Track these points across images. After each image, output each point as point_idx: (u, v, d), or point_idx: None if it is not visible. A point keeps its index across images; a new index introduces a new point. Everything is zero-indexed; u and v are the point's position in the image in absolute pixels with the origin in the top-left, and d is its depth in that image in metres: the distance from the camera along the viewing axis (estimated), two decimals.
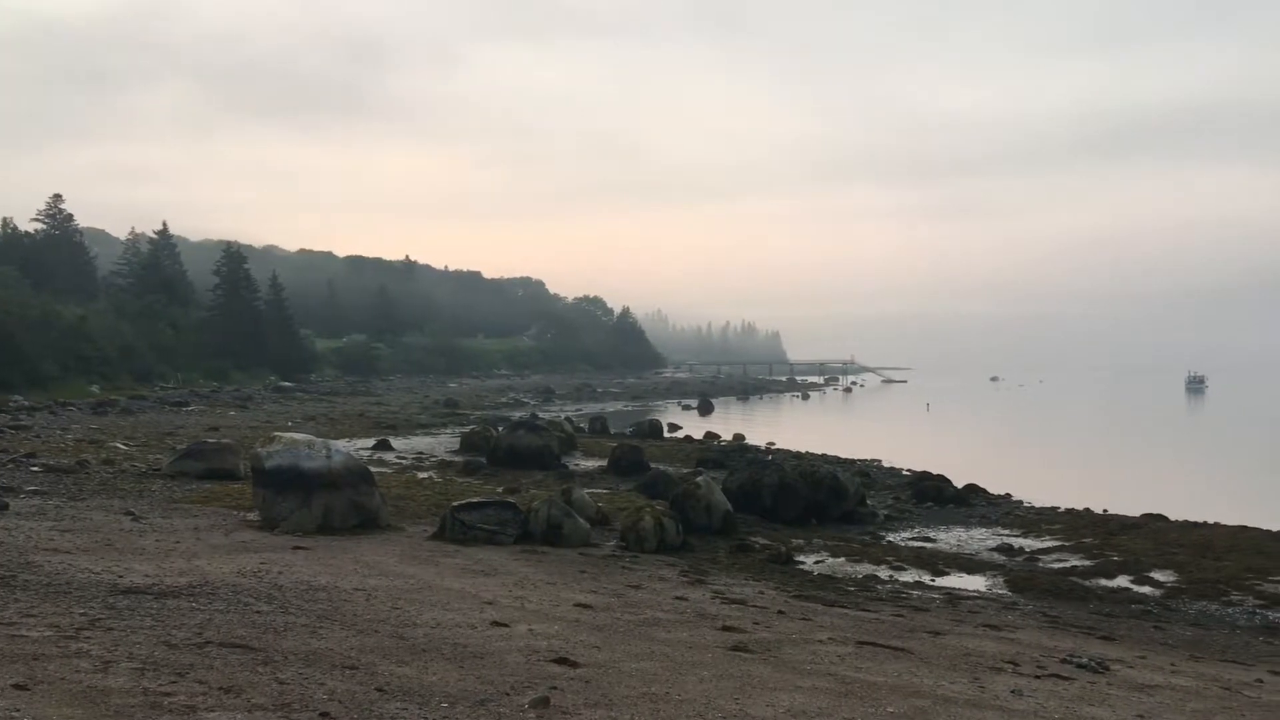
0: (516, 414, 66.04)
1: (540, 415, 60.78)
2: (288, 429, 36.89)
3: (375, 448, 40.53)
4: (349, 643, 8.55)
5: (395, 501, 22.45)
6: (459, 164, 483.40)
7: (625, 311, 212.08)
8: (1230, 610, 17.74)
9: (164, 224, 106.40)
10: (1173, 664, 11.47)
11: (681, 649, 9.41)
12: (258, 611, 9.66)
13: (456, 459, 37.13)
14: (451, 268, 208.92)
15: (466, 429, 47.37)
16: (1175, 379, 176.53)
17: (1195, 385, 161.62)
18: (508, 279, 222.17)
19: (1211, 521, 27.12)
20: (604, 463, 36.81)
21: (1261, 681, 10.78)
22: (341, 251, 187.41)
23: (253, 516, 18.03)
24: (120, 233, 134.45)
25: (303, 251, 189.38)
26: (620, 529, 20.23)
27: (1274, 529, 26.24)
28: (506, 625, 9.87)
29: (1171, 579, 20.02)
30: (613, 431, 56.62)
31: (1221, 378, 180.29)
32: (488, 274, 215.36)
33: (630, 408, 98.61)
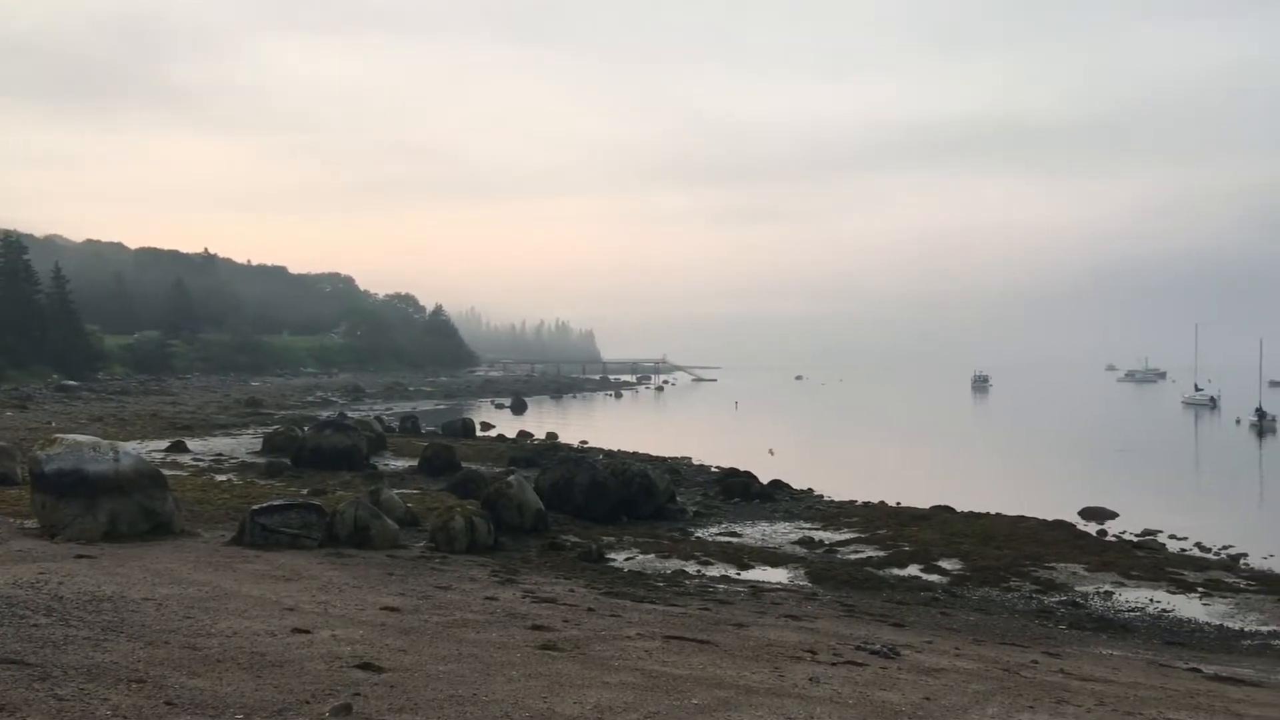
0: (324, 413, 64.03)
1: (349, 414, 59.10)
2: (71, 430, 34.65)
3: (169, 450, 38.62)
4: (136, 655, 8.11)
5: (191, 506, 21.45)
6: (253, 156, 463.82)
7: (438, 309, 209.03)
8: (1009, 596, 18.98)
9: None
10: (957, 648, 12.16)
11: (490, 649, 9.36)
12: (35, 625, 9.04)
13: (258, 460, 35.80)
14: (255, 262, 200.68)
15: (270, 429, 45.75)
16: (965, 378, 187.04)
17: (980, 384, 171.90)
18: (315, 274, 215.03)
19: (993, 512, 28.91)
20: (415, 462, 36.24)
21: (1037, 662, 11.56)
22: (133, 243, 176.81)
23: (31, 524, 16.89)
24: None
25: (90, 242, 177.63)
26: (430, 530, 19.95)
27: (1049, 518, 28.21)
28: (308, 631, 9.58)
29: (957, 567, 21.25)
30: (424, 430, 55.82)
31: (1004, 376, 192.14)
32: (294, 269, 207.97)
33: (442, 406, 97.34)
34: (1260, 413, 76.36)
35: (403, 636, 9.71)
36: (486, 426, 64.49)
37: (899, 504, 31.14)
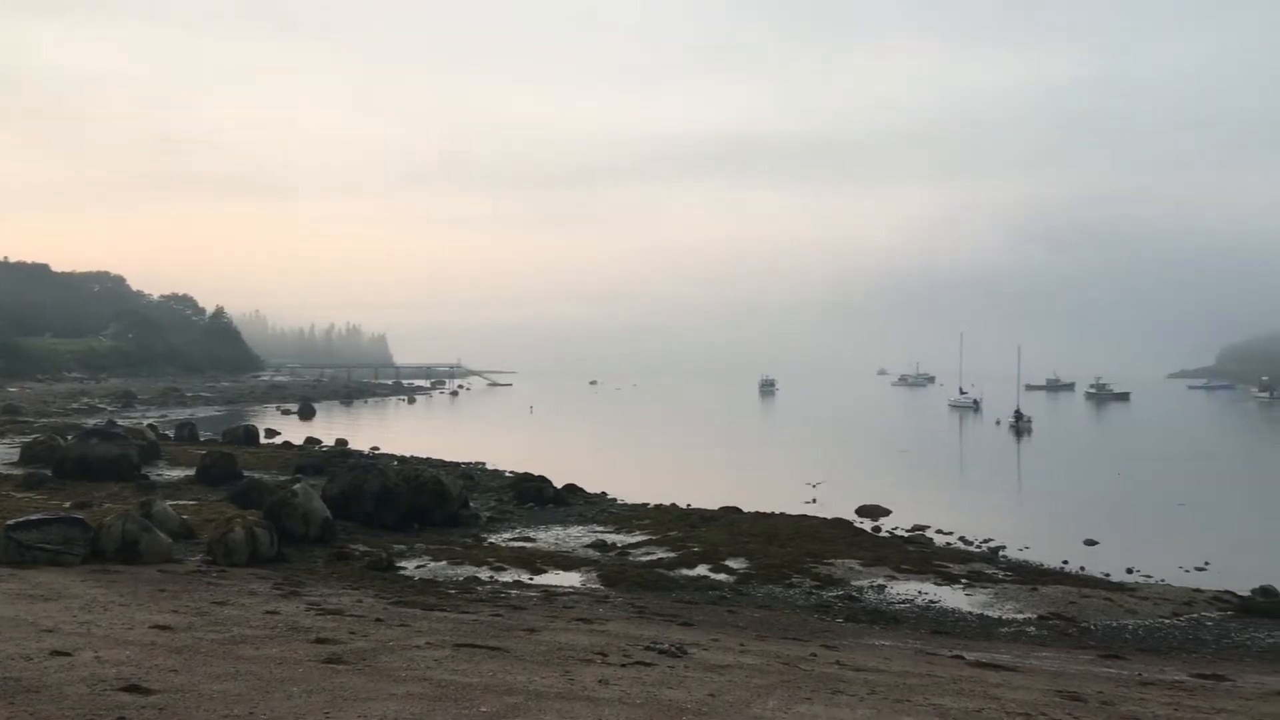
0: (90, 421, 60.24)
1: (119, 422, 56.07)
2: None
3: None
4: None
5: None
6: (4, 147, 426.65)
7: (219, 311, 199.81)
8: (791, 592, 19.74)
9: None
10: (742, 644, 12.55)
11: (270, 665, 9.00)
12: None
13: (15, 472, 33.24)
14: (13, 259, 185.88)
15: (28, 438, 42.47)
16: (752, 383, 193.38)
17: (767, 388, 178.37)
18: (82, 273, 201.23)
19: (778, 512, 30.02)
20: (192, 472, 34.55)
21: (815, 655, 12.06)
22: None
23: None
24: None
25: None
26: (208, 542, 19.03)
27: (829, 517, 29.54)
28: (69, 654, 8.95)
29: (744, 566, 21.93)
30: (203, 438, 53.33)
31: (788, 382, 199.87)
32: (57, 267, 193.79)
33: (223, 413, 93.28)
34: (1018, 414, 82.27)
35: (174, 656, 9.21)
36: (272, 433, 62.31)
37: (689, 506, 31.88)
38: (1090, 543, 27.54)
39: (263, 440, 54.52)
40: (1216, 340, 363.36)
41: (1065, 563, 24.73)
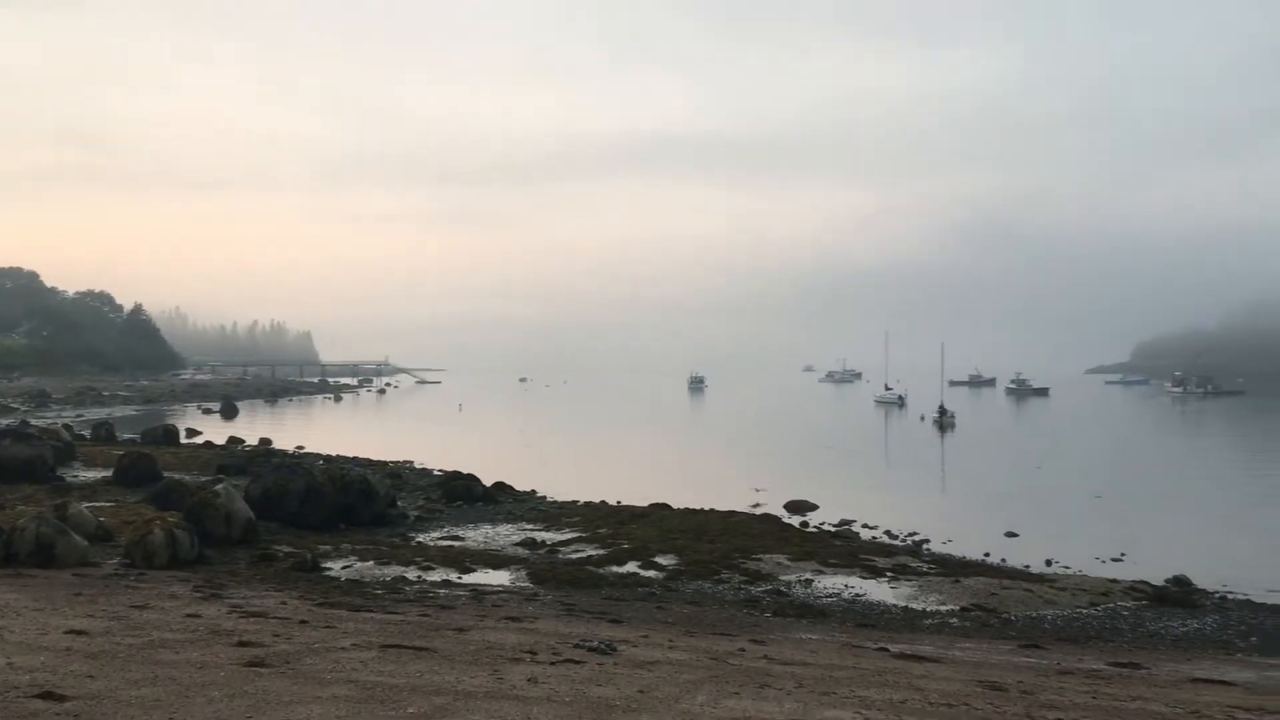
0: (3, 421, 58.46)
1: (32, 422, 54.57)
2: None
3: None
4: None
5: None
6: None
7: (137, 308, 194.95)
8: (720, 587, 19.86)
9: None
10: (671, 640, 12.59)
11: (191, 670, 8.81)
12: None
13: None
14: None
15: None
16: (682, 379, 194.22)
17: (697, 385, 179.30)
18: None
19: (707, 508, 30.17)
20: (109, 473, 33.73)
21: (744, 650, 12.15)
22: None
23: None
24: None
25: None
26: (126, 545, 18.59)
27: (758, 513, 29.77)
28: None
29: (673, 562, 22.01)
30: (121, 438, 52.13)
31: (717, 378, 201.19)
32: None
33: (142, 412, 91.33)
34: (942, 410, 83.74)
35: (90, 661, 8.98)
36: (193, 433, 61.25)
37: (619, 503, 31.92)
38: (1011, 535, 28.14)
39: (183, 440, 53.55)
40: (1132, 336, 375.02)
41: (987, 555, 25.23)
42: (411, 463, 44.92)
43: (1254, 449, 64.01)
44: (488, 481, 34.22)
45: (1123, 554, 25.38)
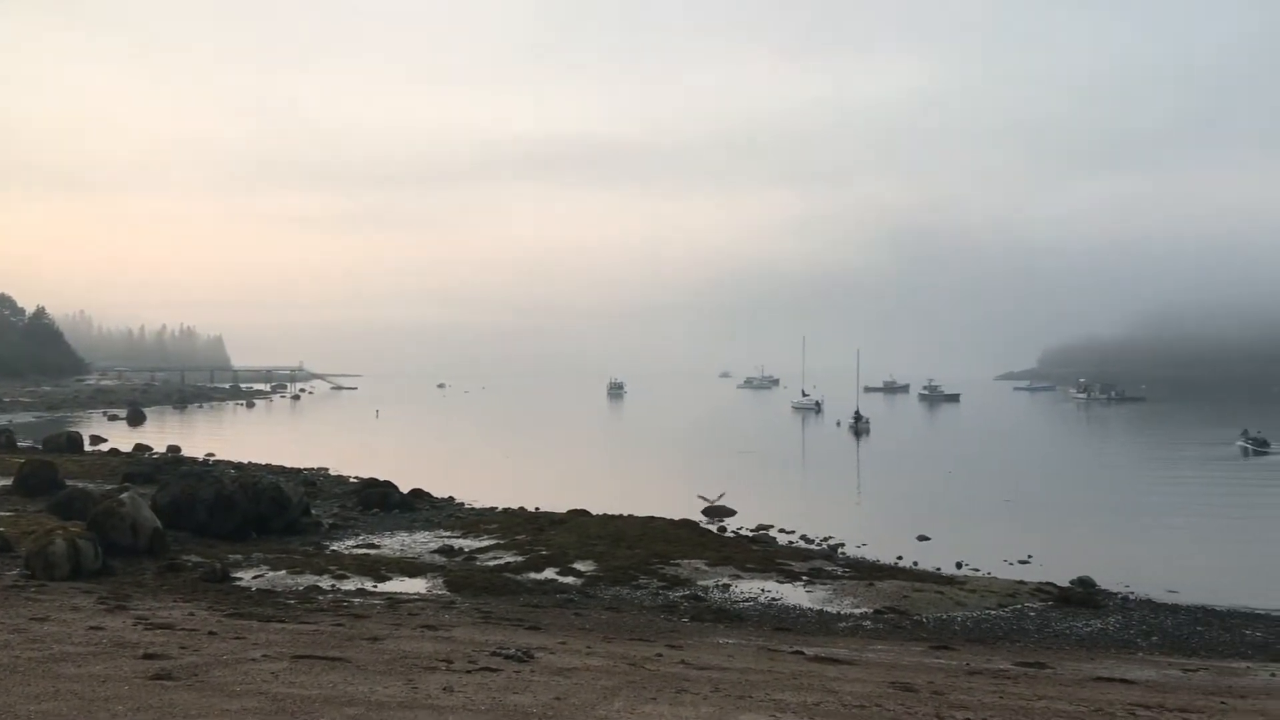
0: None
1: None
2: None
3: None
4: None
5: None
6: None
7: (40, 311, 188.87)
8: (639, 593, 19.90)
9: None
10: (589, 646, 12.58)
11: (94, 684, 8.56)
12: None
13: None
14: None
15: None
16: (602, 385, 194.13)
17: (616, 390, 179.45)
18: None
19: (626, 514, 30.21)
20: (9, 481, 32.59)
21: (661, 655, 12.19)
22: None
23: None
24: None
25: None
26: (25, 555, 17.97)
27: (676, 518, 29.88)
28: None
29: (591, 568, 21.99)
30: (21, 446, 50.43)
31: (636, 384, 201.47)
32: None
33: (44, 419, 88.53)
34: (857, 416, 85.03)
35: None
36: (97, 440, 59.56)
37: (538, 509, 31.80)
38: (923, 539, 28.69)
39: (88, 448, 52.08)
40: (1039, 344, 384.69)
41: (900, 558, 25.69)
42: (326, 470, 44.25)
43: (1155, 454, 66.20)
44: (405, 488, 33.85)
45: (1030, 556, 26.03)
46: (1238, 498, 41.72)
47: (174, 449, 53.55)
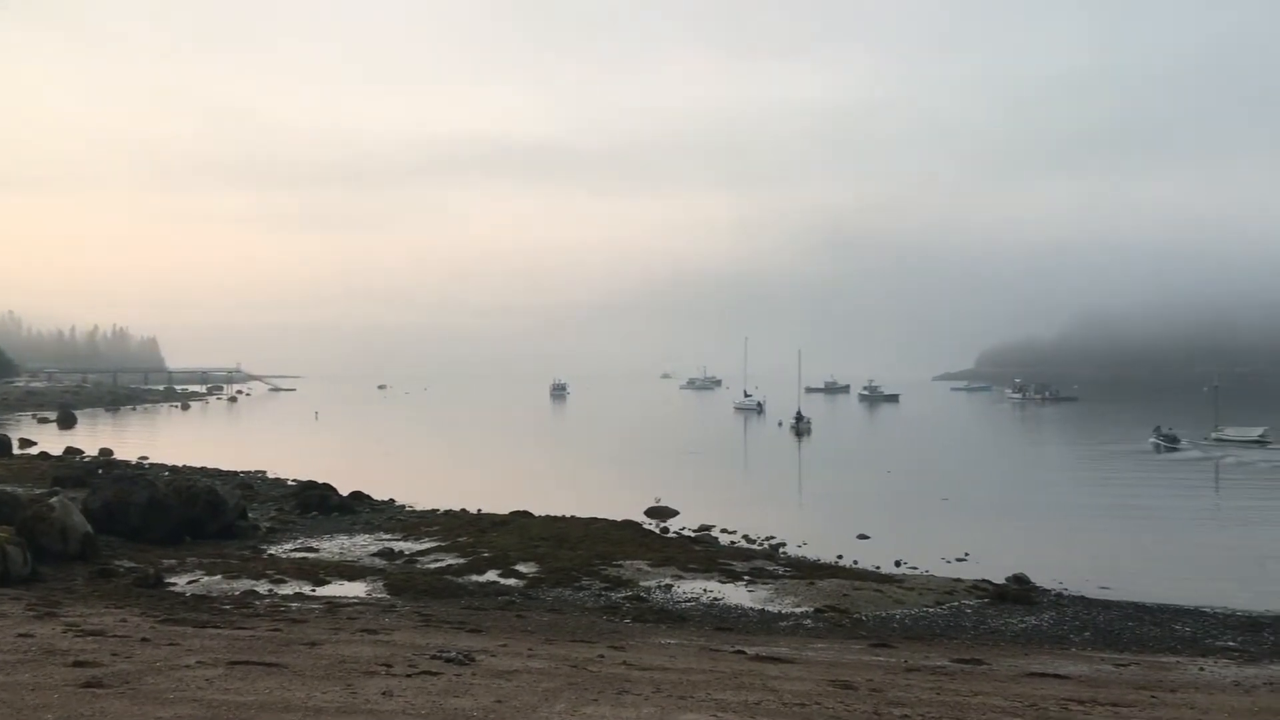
0: None
1: None
2: None
3: None
4: None
5: None
6: None
7: None
8: (581, 594, 19.89)
9: None
10: (530, 649, 12.54)
11: (23, 693, 8.36)
12: None
13: None
14: None
15: None
16: (544, 386, 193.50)
17: (559, 392, 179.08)
18: None
19: (569, 515, 30.16)
20: None
21: (603, 656, 12.19)
22: None
23: None
24: None
25: None
26: None
27: (618, 519, 29.91)
28: None
29: (533, 570, 21.93)
30: None
31: (577, 385, 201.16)
32: None
33: None
34: (799, 416, 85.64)
35: None
36: (26, 443, 58.22)
37: (480, 511, 31.63)
38: (863, 537, 29.00)
39: (16, 450, 50.91)
40: (976, 344, 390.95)
41: (840, 557, 25.94)
42: (264, 473, 43.63)
43: (1087, 453, 67.56)
44: (344, 491, 33.47)
45: (967, 554, 26.43)
46: (1154, 493, 42.73)
47: (106, 452, 52.50)
